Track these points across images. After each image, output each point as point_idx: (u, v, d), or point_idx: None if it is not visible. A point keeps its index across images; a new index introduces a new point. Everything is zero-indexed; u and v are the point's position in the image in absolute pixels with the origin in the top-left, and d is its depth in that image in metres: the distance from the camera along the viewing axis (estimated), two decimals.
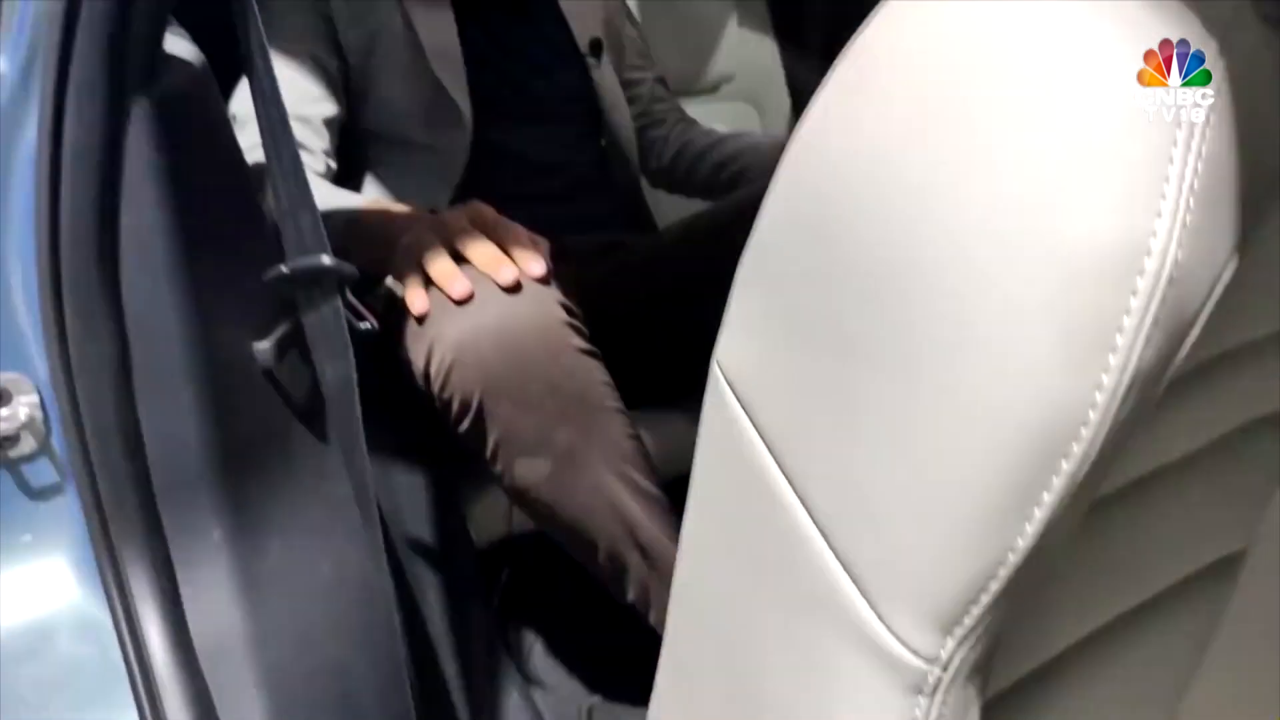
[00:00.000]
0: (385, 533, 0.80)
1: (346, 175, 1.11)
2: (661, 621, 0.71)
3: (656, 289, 1.14)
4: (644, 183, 1.34)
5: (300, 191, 0.65)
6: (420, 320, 0.78)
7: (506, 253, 0.79)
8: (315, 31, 1.05)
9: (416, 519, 0.93)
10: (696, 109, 1.70)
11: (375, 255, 0.85)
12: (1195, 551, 0.50)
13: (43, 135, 0.58)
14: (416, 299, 0.77)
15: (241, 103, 1.01)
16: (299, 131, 1.02)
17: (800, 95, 1.80)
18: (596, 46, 1.21)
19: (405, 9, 1.07)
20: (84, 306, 0.60)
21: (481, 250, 0.78)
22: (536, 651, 1.05)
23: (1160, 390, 0.26)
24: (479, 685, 0.93)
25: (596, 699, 1.02)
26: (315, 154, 1.04)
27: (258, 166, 0.92)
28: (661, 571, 0.83)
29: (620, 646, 0.86)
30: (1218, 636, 0.54)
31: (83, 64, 0.57)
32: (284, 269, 0.64)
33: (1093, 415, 0.25)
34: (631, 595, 0.86)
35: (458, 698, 0.89)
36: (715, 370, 0.36)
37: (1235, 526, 0.51)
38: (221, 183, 0.69)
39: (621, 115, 1.25)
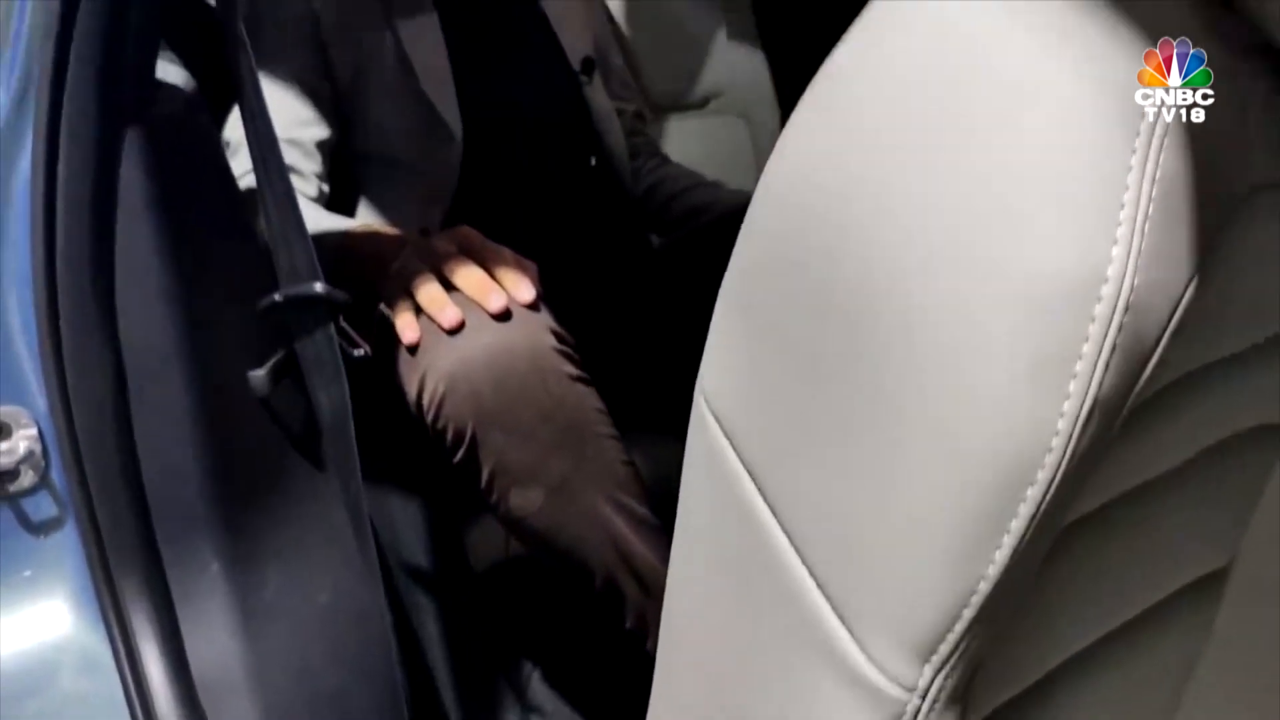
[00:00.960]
0: (382, 560, 0.81)
1: (339, 196, 1.12)
2: None
3: (645, 306, 1.15)
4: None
5: (292, 218, 0.65)
6: (412, 349, 0.78)
7: (495, 278, 0.79)
8: (305, 55, 1.05)
9: (413, 545, 0.93)
10: (686, 124, 1.72)
11: (366, 280, 0.86)
12: (1177, 570, 0.50)
13: (37, 164, 0.59)
14: (407, 328, 0.78)
15: (235, 128, 1.02)
16: (291, 155, 1.02)
17: (790, 109, 1.80)
18: (588, 65, 1.22)
19: (395, 30, 1.07)
20: (81, 335, 0.61)
21: (470, 277, 0.78)
22: (534, 679, 1.05)
23: (1124, 414, 0.27)
24: (477, 714, 0.93)
25: None
26: (307, 177, 1.05)
27: (251, 192, 0.93)
28: (657, 598, 0.82)
29: (618, 674, 0.86)
30: (1205, 653, 0.54)
31: (76, 93, 0.58)
32: (277, 297, 0.65)
33: (1056, 442, 0.25)
34: (629, 622, 0.86)
35: None
36: (699, 397, 0.37)
37: (1217, 544, 0.51)
38: (215, 210, 0.69)
39: (614, 134, 1.25)
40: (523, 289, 0.79)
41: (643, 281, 1.17)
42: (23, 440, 0.64)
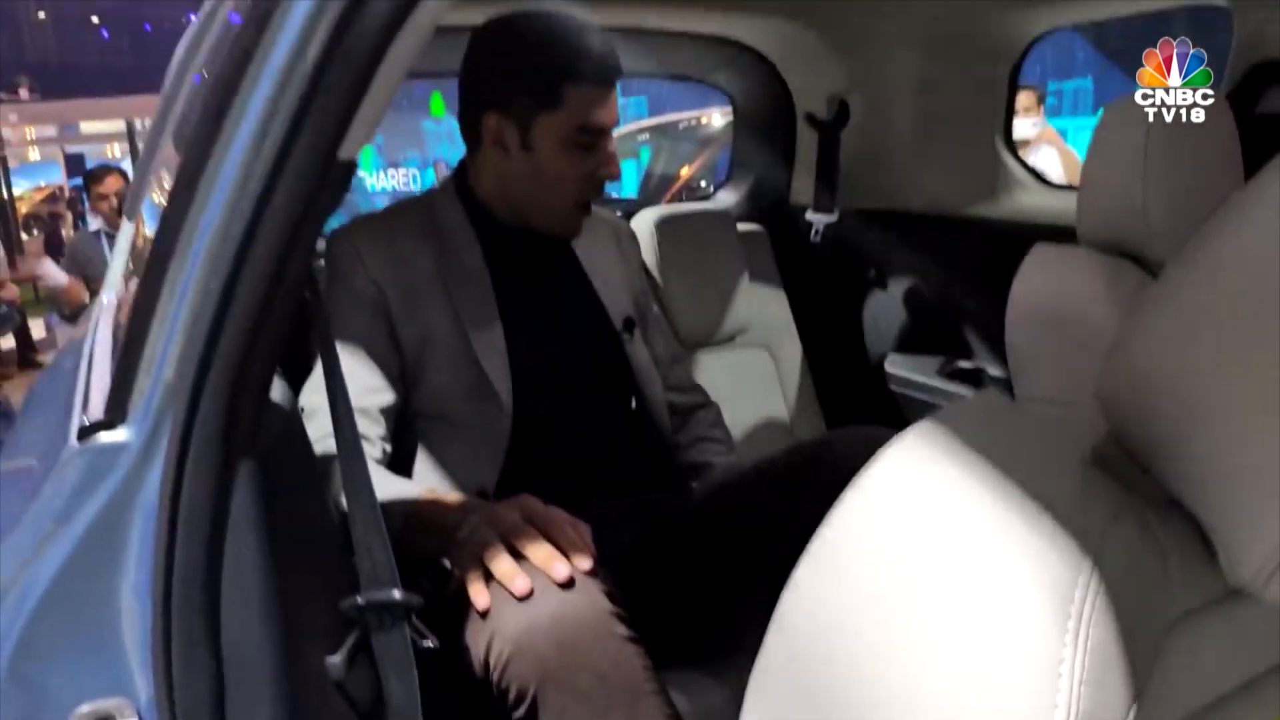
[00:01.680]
0: None
1: (401, 452, 1.22)
2: None
3: (684, 550, 1.22)
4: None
5: (375, 527, 0.74)
6: (482, 613, 0.86)
7: (556, 546, 0.88)
8: (377, 331, 1.18)
9: None
10: (716, 357, 1.85)
11: (432, 544, 0.95)
12: None
13: (163, 496, 0.69)
14: (479, 595, 0.86)
15: (309, 395, 1.14)
16: (359, 422, 1.13)
17: (809, 341, 1.96)
18: (629, 324, 1.34)
19: (454, 304, 1.20)
20: (188, 637, 0.69)
21: (537, 549, 0.86)
22: None
23: None
24: None
25: None
26: (373, 441, 1.15)
27: (325, 457, 1.03)
28: None
29: None
30: None
31: (201, 437, 0.69)
32: (360, 600, 0.73)
33: None
34: None
35: None
36: None
37: None
38: (307, 517, 0.79)
39: (652, 383, 1.36)
40: (583, 558, 0.87)
41: (679, 524, 1.24)
42: None
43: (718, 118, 5.07)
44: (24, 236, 10.32)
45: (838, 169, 1.88)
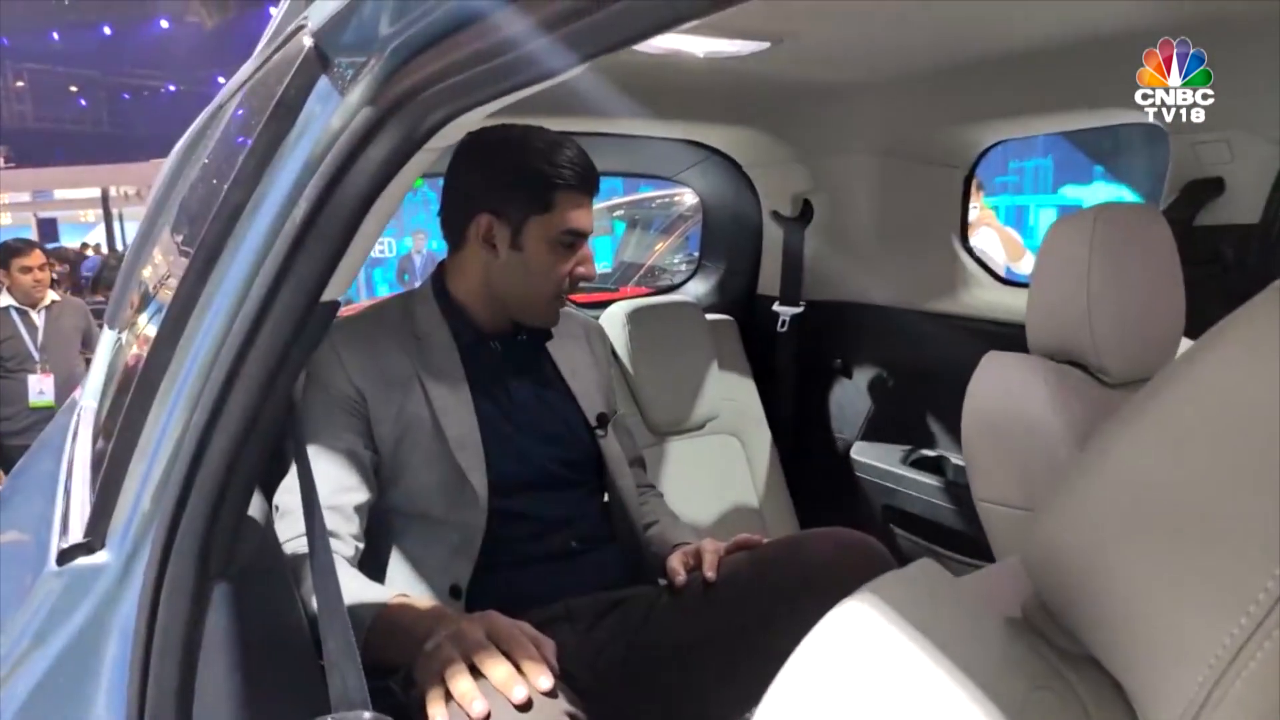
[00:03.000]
0: None
1: (376, 548, 1.23)
2: None
3: (654, 647, 1.23)
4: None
5: (346, 646, 0.76)
6: None
7: (517, 666, 0.89)
8: (353, 432, 1.20)
9: None
10: (686, 444, 1.89)
11: (400, 653, 0.95)
12: None
13: (140, 619, 0.70)
14: (438, 715, 0.87)
15: (283, 494, 1.15)
16: (332, 520, 1.14)
17: (777, 428, 2.00)
18: (603, 419, 1.37)
19: (430, 403, 1.23)
20: None
21: (498, 671, 0.88)
22: None
23: None
24: None
25: None
26: (345, 539, 1.16)
27: (297, 557, 1.04)
28: None
29: None
30: None
31: (179, 561, 0.70)
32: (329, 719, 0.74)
33: None
34: None
35: None
36: None
37: None
38: (278, 631, 0.80)
39: (624, 475, 1.38)
40: (542, 678, 0.88)
41: (649, 622, 1.25)
42: None
43: (689, 195, 5.19)
44: None
45: (803, 263, 1.95)
